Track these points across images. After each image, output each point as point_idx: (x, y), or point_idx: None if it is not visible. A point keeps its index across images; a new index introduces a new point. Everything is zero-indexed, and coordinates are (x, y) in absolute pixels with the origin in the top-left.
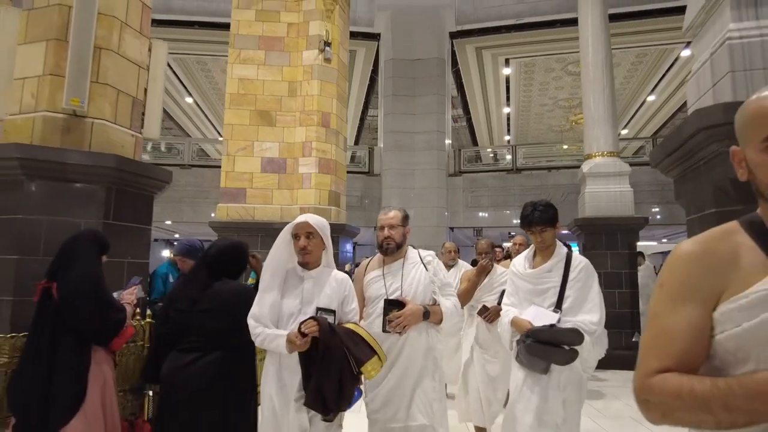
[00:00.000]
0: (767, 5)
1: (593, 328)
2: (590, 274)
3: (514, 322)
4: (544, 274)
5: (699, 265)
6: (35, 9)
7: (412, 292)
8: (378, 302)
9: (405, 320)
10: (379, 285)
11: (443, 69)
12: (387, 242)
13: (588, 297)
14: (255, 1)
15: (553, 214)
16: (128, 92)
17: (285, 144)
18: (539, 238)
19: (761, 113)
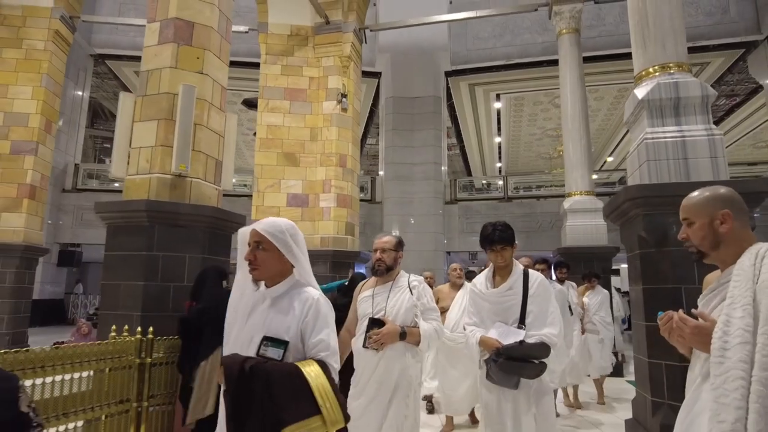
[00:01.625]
0: (669, 117)
1: (555, 340)
2: (546, 288)
3: (483, 342)
4: (506, 293)
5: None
6: (147, 96)
7: (394, 313)
8: (365, 320)
9: (382, 338)
10: (367, 304)
11: (439, 106)
12: (378, 264)
13: (548, 310)
14: (281, 58)
15: (511, 234)
16: (213, 155)
17: (307, 182)
18: (500, 257)
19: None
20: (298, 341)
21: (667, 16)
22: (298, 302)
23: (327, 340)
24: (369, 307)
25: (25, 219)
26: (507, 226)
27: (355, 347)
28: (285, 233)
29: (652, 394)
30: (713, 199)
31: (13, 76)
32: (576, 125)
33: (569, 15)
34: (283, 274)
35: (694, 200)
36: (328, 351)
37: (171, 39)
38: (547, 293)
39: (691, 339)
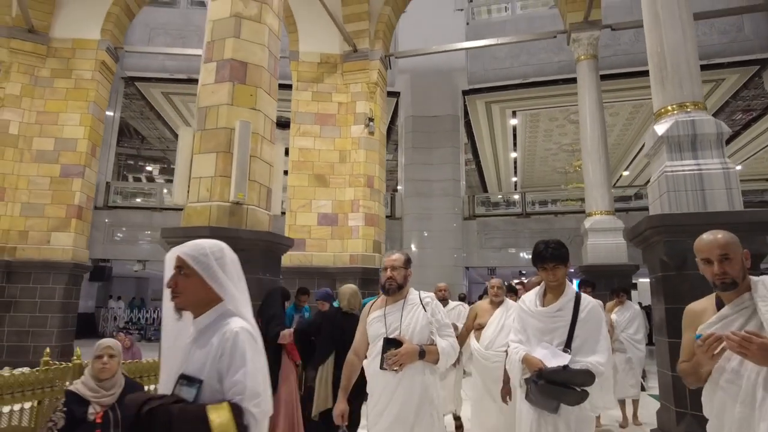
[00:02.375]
0: (687, 151)
1: (602, 369)
2: (599, 316)
3: (526, 360)
4: (555, 313)
5: (689, 315)
6: (206, 130)
7: (410, 332)
8: (378, 341)
9: (401, 358)
10: (380, 325)
11: (457, 124)
12: (389, 282)
13: (596, 338)
14: (311, 85)
15: (565, 252)
16: (264, 184)
17: (337, 202)
18: (551, 276)
19: (696, 247)
20: (214, 381)
21: (684, 59)
22: (216, 336)
23: (243, 381)
24: (382, 327)
25: (73, 238)
26: (560, 244)
27: (370, 370)
28: (209, 257)
29: (675, 405)
30: (737, 240)
31: (63, 104)
32: (595, 147)
33: (587, 42)
34: (209, 303)
35: (730, 240)
36: (244, 394)
37: (227, 78)
38: (598, 320)
39: (756, 354)
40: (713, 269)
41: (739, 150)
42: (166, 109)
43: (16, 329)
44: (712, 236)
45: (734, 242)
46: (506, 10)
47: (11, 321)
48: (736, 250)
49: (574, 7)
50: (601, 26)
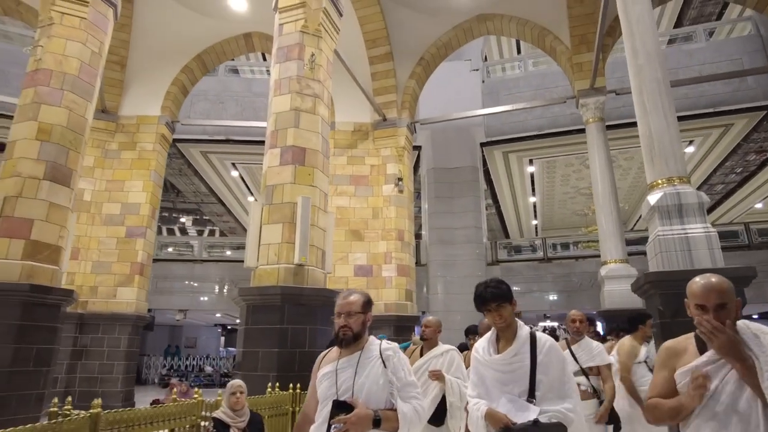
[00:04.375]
0: (675, 218)
1: (572, 417)
2: (558, 354)
3: (489, 416)
4: (511, 360)
5: (667, 353)
6: (273, 204)
7: (364, 392)
8: (327, 403)
9: (349, 426)
10: (329, 383)
11: (477, 175)
12: (343, 332)
13: (562, 380)
14: (346, 150)
15: (506, 289)
16: (320, 247)
17: (371, 254)
18: (497, 317)
19: (690, 291)
20: None
21: (668, 142)
22: None
23: None
24: (332, 386)
25: (136, 292)
26: (499, 282)
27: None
28: None
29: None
30: (732, 286)
31: (128, 173)
32: (607, 201)
33: (594, 106)
34: None
35: (727, 286)
36: None
37: (290, 161)
38: (559, 359)
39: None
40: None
41: (758, 188)
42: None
43: (87, 376)
44: (708, 281)
45: (731, 289)
46: (519, 68)
47: (83, 368)
48: (732, 298)
49: (580, 75)
50: (605, 92)
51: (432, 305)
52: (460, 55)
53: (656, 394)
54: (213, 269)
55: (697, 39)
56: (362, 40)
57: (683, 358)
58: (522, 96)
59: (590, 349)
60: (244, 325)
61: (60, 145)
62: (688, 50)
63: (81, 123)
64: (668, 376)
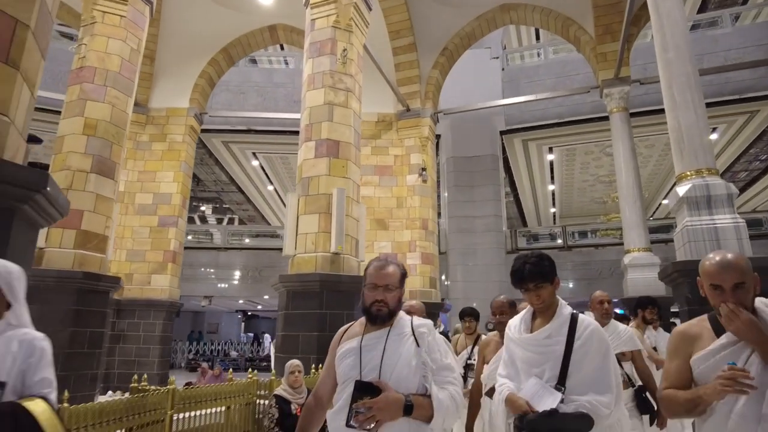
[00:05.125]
0: (703, 209)
1: (604, 411)
2: (601, 341)
3: (509, 401)
4: (543, 341)
5: (680, 338)
6: (309, 195)
7: (393, 374)
8: (348, 385)
9: (376, 412)
10: (352, 361)
11: (497, 163)
12: (378, 308)
13: (600, 370)
14: (371, 141)
15: (548, 266)
16: (354, 236)
17: (396, 243)
18: (535, 297)
19: (704, 270)
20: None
21: (697, 134)
22: (17, 344)
23: (50, 378)
24: (355, 365)
25: (169, 279)
26: (541, 257)
27: (333, 425)
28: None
29: None
30: (749, 263)
31: (159, 164)
32: (630, 192)
33: (618, 96)
34: None
35: (745, 264)
36: (51, 388)
37: (324, 154)
38: (601, 347)
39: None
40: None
41: None
42: (224, 155)
43: (125, 359)
44: (724, 258)
45: (748, 267)
46: (539, 56)
47: (121, 351)
48: (750, 276)
49: (605, 65)
50: (630, 82)
51: (452, 293)
52: (480, 44)
53: (670, 385)
54: (236, 257)
55: (722, 24)
56: (386, 31)
57: (698, 344)
58: (542, 84)
59: (618, 334)
60: (284, 310)
61: (104, 140)
62: (713, 36)
63: (123, 118)
64: (682, 364)
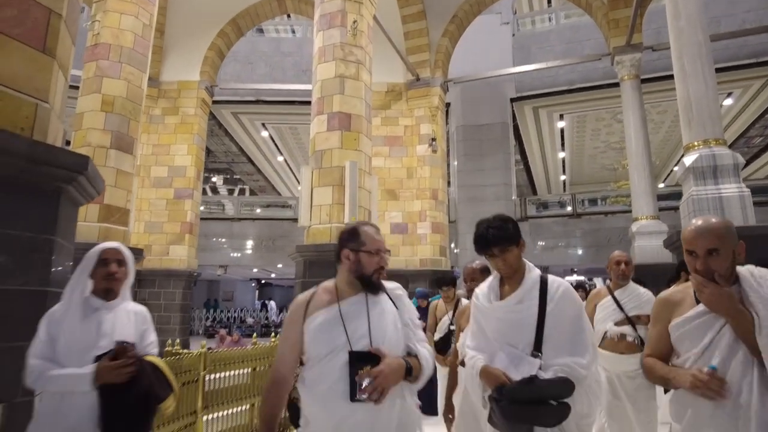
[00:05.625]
0: (709, 179)
1: (582, 373)
2: (573, 300)
3: (484, 373)
4: (514, 306)
5: (661, 305)
6: (323, 168)
7: (385, 339)
8: (334, 358)
9: (384, 380)
10: (334, 332)
11: (507, 131)
12: (381, 274)
13: (575, 332)
14: (380, 111)
15: (512, 229)
16: (366, 207)
17: (406, 212)
18: (501, 263)
19: (683, 235)
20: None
21: (705, 105)
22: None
23: (156, 340)
24: (340, 335)
25: (186, 250)
26: (505, 220)
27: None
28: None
29: None
30: (733, 230)
31: (173, 137)
32: (640, 160)
33: (630, 63)
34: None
35: (721, 230)
36: (157, 347)
37: (336, 127)
38: (574, 308)
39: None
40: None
41: None
42: (234, 126)
43: None
44: (700, 224)
45: (726, 233)
46: (550, 21)
47: None
48: (726, 243)
49: (616, 32)
50: (642, 49)
51: (461, 261)
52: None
53: (651, 351)
54: (250, 227)
55: None
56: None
57: (678, 310)
58: (553, 50)
59: (638, 296)
60: (301, 278)
61: (122, 116)
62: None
63: (138, 93)
64: (662, 330)
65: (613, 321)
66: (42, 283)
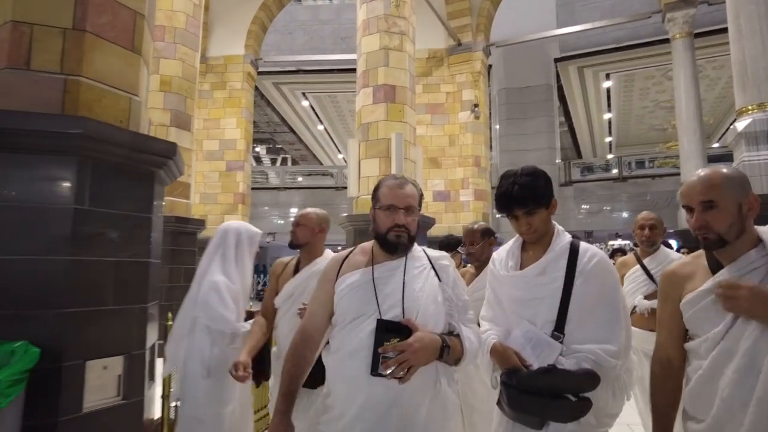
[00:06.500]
0: (762, 144)
1: (612, 362)
2: (607, 274)
3: (495, 351)
4: (535, 278)
5: (668, 281)
6: (369, 140)
7: (419, 311)
8: (362, 324)
9: (412, 356)
10: (364, 296)
11: (550, 93)
12: (398, 233)
13: (607, 312)
14: (422, 79)
15: (543, 187)
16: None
17: (449, 180)
18: (525, 226)
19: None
20: None
21: (763, 66)
22: None
23: None
24: (369, 301)
25: (240, 220)
26: (534, 175)
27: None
28: None
29: None
30: (739, 180)
31: (222, 111)
32: (690, 123)
33: (682, 20)
34: None
35: (719, 180)
36: None
37: (382, 99)
38: (609, 283)
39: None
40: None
41: None
42: (276, 96)
43: None
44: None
45: (725, 184)
46: None
47: None
48: (726, 195)
49: None
50: (696, 3)
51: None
52: None
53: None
54: (295, 196)
55: None
56: None
57: (690, 284)
58: (600, 7)
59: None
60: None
61: (179, 95)
62: None
63: (192, 72)
64: (675, 310)
65: (643, 294)
66: (145, 254)
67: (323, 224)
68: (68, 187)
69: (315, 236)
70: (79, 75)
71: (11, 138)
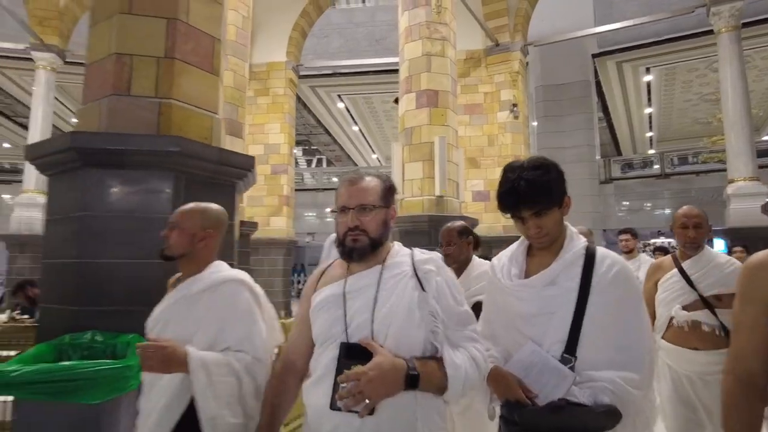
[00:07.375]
0: None
1: (634, 394)
2: (629, 288)
3: (494, 378)
4: (543, 290)
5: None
6: (413, 144)
7: (391, 331)
8: (327, 348)
9: (366, 387)
10: (333, 315)
11: (588, 90)
12: (353, 237)
13: (624, 332)
14: (460, 79)
15: (556, 181)
16: (455, 179)
17: (487, 180)
18: (533, 228)
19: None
20: None
21: None
22: None
23: None
24: (337, 320)
25: (285, 221)
26: (545, 168)
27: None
28: None
29: None
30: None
31: (266, 117)
32: (737, 118)
33: (728, 14)
34: None
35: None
36: None
37: (425, 104)
38: (631, 295)
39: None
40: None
41: None
42: (312, 99)
43: None
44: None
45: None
46: None
47: None
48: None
49: None
50: None
51: None
52: None
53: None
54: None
55: None
56: None
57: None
58: (638, 0)
59: (718, 267)
60: None
61: (231, 104)
62: None
63: (242, 82)
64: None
65: (681, 304)
66: (231, 257)
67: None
68: (167, 199)
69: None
70: (170, 98)
71: (120, 156)
